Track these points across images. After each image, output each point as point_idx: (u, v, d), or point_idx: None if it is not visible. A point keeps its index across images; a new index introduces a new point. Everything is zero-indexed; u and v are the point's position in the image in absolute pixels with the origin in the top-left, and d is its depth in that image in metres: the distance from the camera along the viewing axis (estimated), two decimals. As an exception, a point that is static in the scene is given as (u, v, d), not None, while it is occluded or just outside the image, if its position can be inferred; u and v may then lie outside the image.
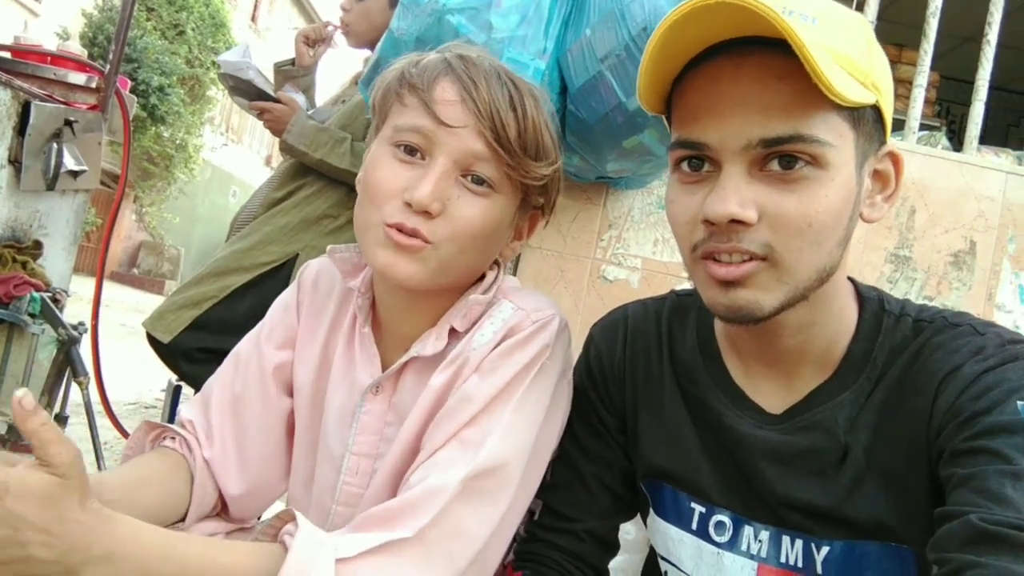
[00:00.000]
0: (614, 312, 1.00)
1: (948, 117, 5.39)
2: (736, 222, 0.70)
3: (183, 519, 0.92)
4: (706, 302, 0.76)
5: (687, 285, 0.80)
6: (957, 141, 2.81)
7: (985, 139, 2.29)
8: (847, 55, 0.69)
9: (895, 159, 0.77)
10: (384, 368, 0.93)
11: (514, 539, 0.93)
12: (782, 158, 0.69)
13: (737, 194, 0.70)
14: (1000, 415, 0.65)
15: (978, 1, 2.33)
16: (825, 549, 0.78)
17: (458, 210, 0.83)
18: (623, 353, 0.94)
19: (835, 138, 0.69)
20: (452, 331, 0.90)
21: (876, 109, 0.73)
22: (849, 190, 0.71)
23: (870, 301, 0.81)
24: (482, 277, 0.94)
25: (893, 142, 0.78)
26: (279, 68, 2.23)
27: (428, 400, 0.87)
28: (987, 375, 0.69)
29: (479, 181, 0.83)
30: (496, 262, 0.95)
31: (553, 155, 0.88)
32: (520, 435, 0.82)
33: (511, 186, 0.86)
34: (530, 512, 0.94)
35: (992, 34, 2.25)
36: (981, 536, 0.58)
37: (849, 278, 0.82)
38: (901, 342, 0.78)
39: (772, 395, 0.83)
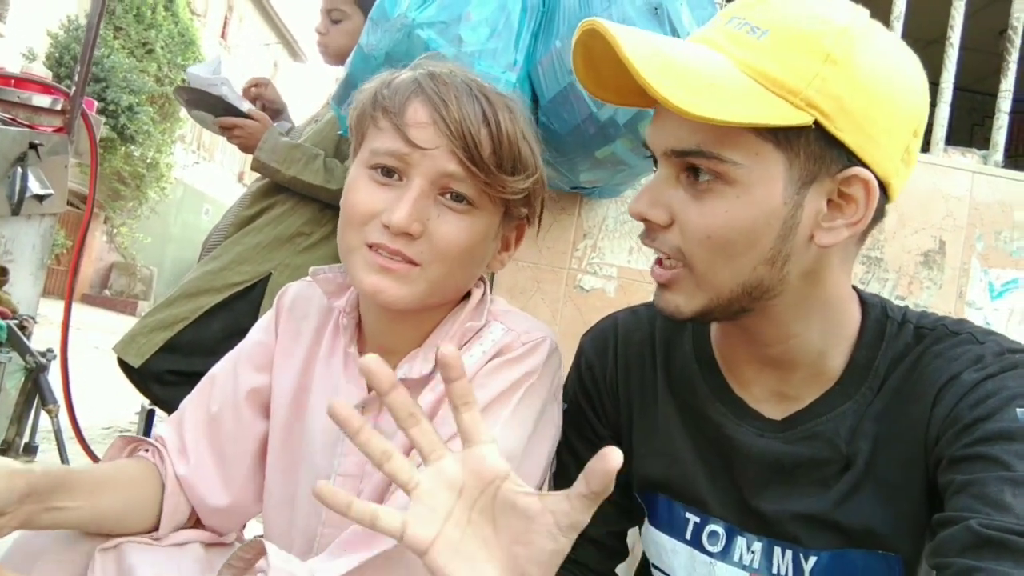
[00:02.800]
0: (604, 321, 0.99)
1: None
2: (649, 221, 0.75)
3: (156, 528, 0.92)
4: None
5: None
6: (923, 142, 2.85)
7: (951, 139, 2.33)
8: (774, 73, 0.67)
9: (865, 185, 0.70)
10: (370, 389, 0.91)
11: None
12: (690, 169, 0.72)
13: (649, 195, 0.74)
14: (999, 422, 0.65)
15: (940, 5, 2.38)
16: (813, 559, 0.78)
17: (439, 229, 0.82)
18: (615, 363, 0.94)
19: (746, 157, 0.69)
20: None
21: (825, 131, 0.68)
22: (766, 210, 0.69)
23: (873, 308, 0.81)
24: (468, 293, 0.93)
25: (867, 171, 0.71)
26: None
27: None
28: (986, 383, 0.69)
29: (458, 199, 0.83)
30: (482, 278, 0.94)
31: (532, 166, 0.87)
32: (509, 450, 0.81)
33: (491, 201, 0.85)
34: None
35: (955, 37, 2.29)
36: (981, 542, 0.58)
37: (853, 287, 0.82)
38: (903, 350, 0.78)
39: (770, 402, 0.82)
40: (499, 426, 0.81)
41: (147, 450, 0.96)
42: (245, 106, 2.03)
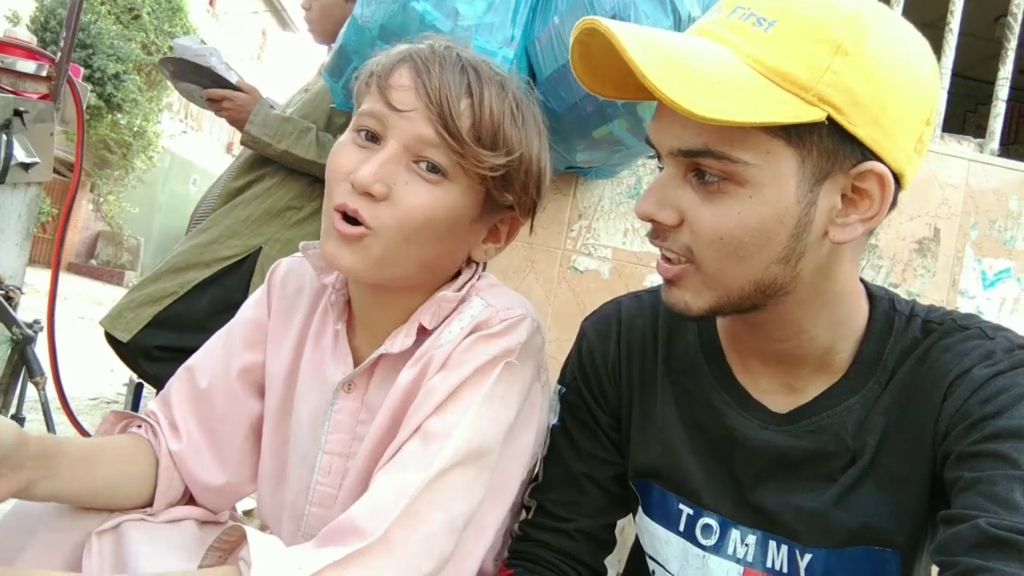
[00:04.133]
0: (607, 306, 0.98)
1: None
2: (657, 222, 0.73)
3: (150, 504, 0.91)
4: None
5: (657, 275, 0.79)
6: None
7: (944, 125, 2.32)
8: (783, 67, 0.65)
9: (880, 179, 0.68)
10: (356, 365, 0.91)
11: (509, 537, 0.93)
12: (698, 169, 0.70)
13: (656, 195, 0.72)
14: (1009, 419, 0.65)
15: (940, -11, 2.36)
16: (809, 556, 0.78)
17: (404, 195, 0.81)
18: (617, 349, 0.92)
19: (757, 156, 0.66)
20: (422, 328, 0.88)
21: (839, 126, 0.66)
22: (779, 209, 0.68)
23: (881, 302, 0.80)
24: (457, 275, 0.91)
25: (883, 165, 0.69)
26: None
27: (396, 397, 0.85)
28: (997, 379, 0.69)
29: (432, 169, 0.81)
30: (475, 263, 0.93)
31: (513, 145, 0.83)
32: (487, 430, 0.80)
33: (466, 175, 0.82)
34: (525, 510, 0.93)
35: (954, 22, 2.27)
36: (989, 541, 0.58)
37: (860, 279, 0.81)
38: (911, 344, 0.77)
39: (775, 394, 0.81)
40: (475, 405, 0.79)
41: (139, 426, 0.95)
42: (234, 77, 1.99)
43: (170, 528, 0.90)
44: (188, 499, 0.97)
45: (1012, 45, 2.27)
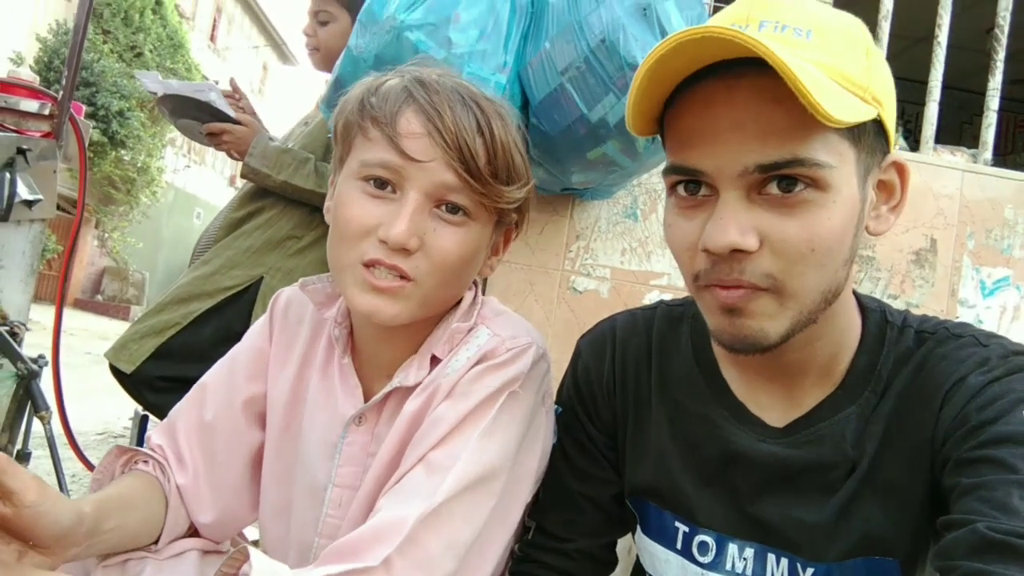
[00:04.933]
0: (601, 324, 0.98)
1: (904, 117, 5.50)
2: (737, 251, 0.67)
3: (156, 540, 0.91)
4: (712, 330, 0.74)
5: (657, 294, 0.79)
6: (913, 140, 2.86)
7: (940, 137, 2.33)
8: (844, 70, 0.67)
9: (900, 168, 0.74)
10: (366, 398, 0.91)
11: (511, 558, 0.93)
12: (781, 180, 0.66)
13: (736, 222, 0.67)
14: (1006, 425, 0.65)
15: (927, 3, 2.38)
16: (810, 571, 0.78)
17: (436, 242, 0.81)
18: (612, 368, 0.92)
19: (835, 158, 0.67)
20: (433, 358, 0.88)
21: (877, 121, 0.70)
22: (852, 208, 0.69)
23: (873, 312, 0.81)
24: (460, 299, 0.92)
25: (900, 153, 0.76)
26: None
27: (401, 427, 0.85)
28: (993, 386, 0.69)
29: (454, 210, 0.81)
30: (473, 281, 0.94)
31: (525, 176, 0.86)
32: (488, 460, 0.80)
33: (486, 212, 0.84)
34: (525, 530, 0.93)
35: (942, 35, 2.29)
36: (988, 545, 0.58)
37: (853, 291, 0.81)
38: (905, 353, 0.77)
39: (773, 408, 0.81)
40: (478, 436, 0.80)
41: (146, 461, 0.94)
42: (232, 112, 2.02)
43: (173, 562, 0.90)
44: (192, 531, 0.97)
45: (1001, 57, 2.30)
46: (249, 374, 0.98)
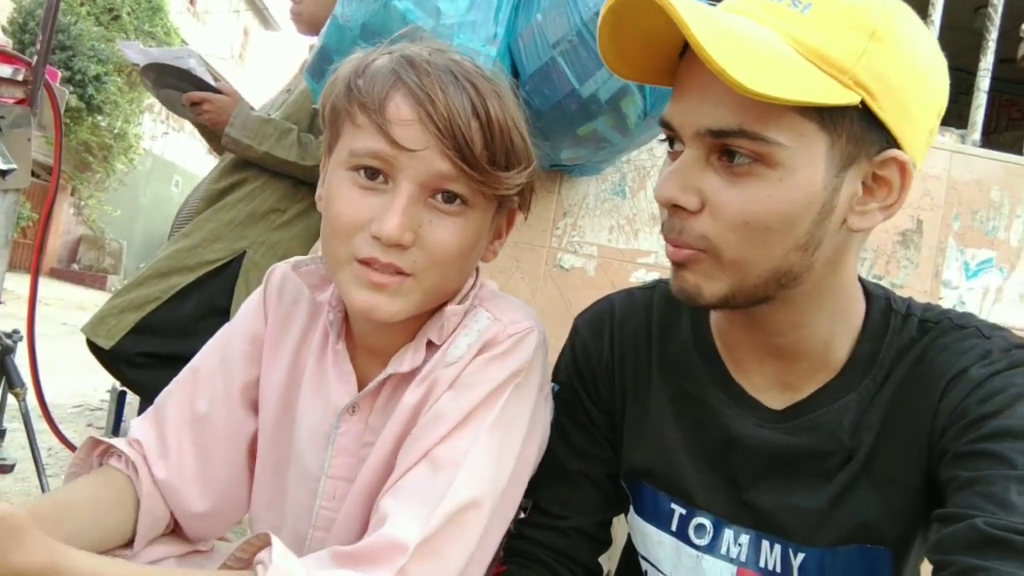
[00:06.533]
0: (599, 303, 0.97)
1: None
2: (678, 207, 0.70)
3: (130, 544, 0.86)
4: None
5: (643, 272, 0.78)
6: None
7: (928, 117, 2.33)
8: (824, 50, 0.65)
9: (902, 167, 0.69)
10: (360, 386, 0.88)
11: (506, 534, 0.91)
12: (726, 151, 0.68)
13: (679, 179, 0.70)
14: (1007, 419, 0.65)
15: (920, -19, 2.37)
16: (802, 555, 0.78)
17: (432, 235, 0.77)
18: (611, 347, 0.91)
19: (791, 138, 0.65)
20: (429, 344, 0.85)
21: (868, 111, 0.66)
22: (808, 194, 0.67)
23: (877, 300, 0.80)
24: None
25: (908, 152, 0.69)
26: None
27: (401, 418, 0.83)
28: (994, 379, 0.69)
29: (451, 199, 0.77)
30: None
31: (525, 158, 0.81)
32: (496, 456, 0.78)
33: (485, 198, 0.79)
34: (521, 508, 0.92)
35: (936, 15, 2.28)
36: (986, 541, 0.58)
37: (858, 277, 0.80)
38: (908, 342, 0.77)
39: (770, 391, 0.81)
40: (485, 429, 0.78)
41: (120, 456, 0.89)
42: (213, 81, 1.97)
43: (149, 570, 0.85)
44: (173, 530, 0.93)
45: (993, 36, 2.29)
46: (245, 361, 0.93)
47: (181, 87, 1.94)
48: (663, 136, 0.74)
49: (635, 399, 0.90)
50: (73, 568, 0.63)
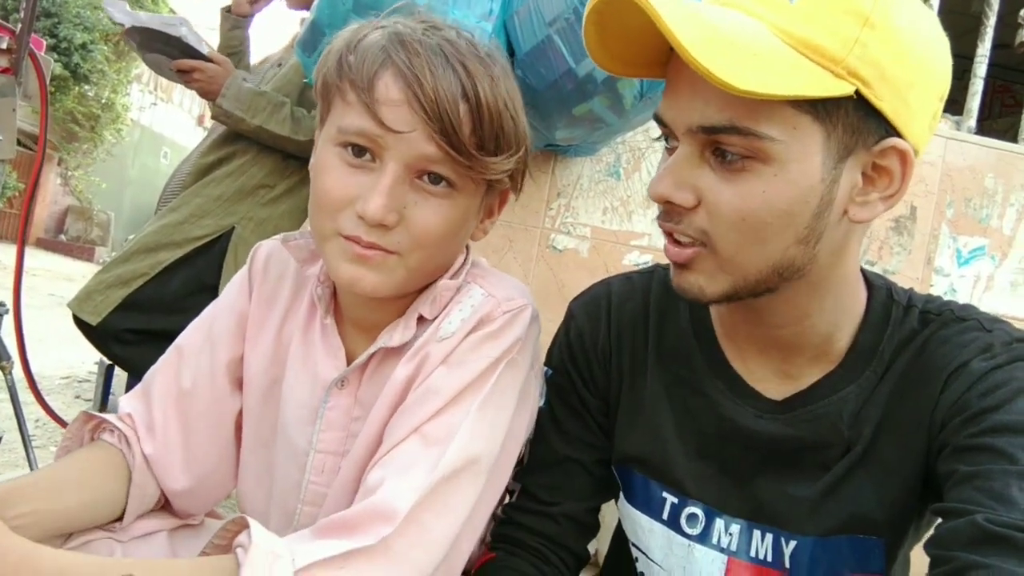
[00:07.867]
0: (596, 287, 0.95)
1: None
2: (673, 204, 0.69)
3: (121, 518, 0.86)
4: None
5: (637, 254, 0.77)
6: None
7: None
8: (813, 39, 0.63)
9: (902, 156, 0.67)
10: (349, 360, 0.87)
11: (492, 519, 0.91)
12: (717, 148, 0.67)
13: (673, 176, 0.69)
14: (1007, 414, 0.64)
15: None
16: (794, 543, 0.78)
17: (417, 216, 0.76)
18: (608, 332, 0.90)
19: (784, 132, 0.64)
20: (420, 318, 0.85)
21: (864, 100, 0.64)
22: (805, 187, 0.66)
23: (879, 290, 0.79)
24: None
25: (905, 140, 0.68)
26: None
27: (392, 393, 0.82)
28: (995, 373, 0.68)
29: (436, 180, 0.76)
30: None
31: (516, 143, 0.79)
32: (486, 433, 0.78)
33: (472, 181, 0.78)
34: (508, 492, 0.92)
35: (934, -1, 2.26)
36: (987, 537, 0.57)
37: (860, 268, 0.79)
38: (909, 334, 0.76)
39: (770, 381, 0.80)
40: (476, 406, 0.77)
41: (112, 431, 0.89)
42: (204, 48, 1.93)
43: (141, 544, 0.87)
44: (163, 504, 0.93)
45: (991, 22, 2.27)
46: (230, 338, 0.93)
47: (169, 52, 1.90)
48: (659, 134, 0.74)
49: (631, 386, 0.89)
50: (41, 566, 0.62)
